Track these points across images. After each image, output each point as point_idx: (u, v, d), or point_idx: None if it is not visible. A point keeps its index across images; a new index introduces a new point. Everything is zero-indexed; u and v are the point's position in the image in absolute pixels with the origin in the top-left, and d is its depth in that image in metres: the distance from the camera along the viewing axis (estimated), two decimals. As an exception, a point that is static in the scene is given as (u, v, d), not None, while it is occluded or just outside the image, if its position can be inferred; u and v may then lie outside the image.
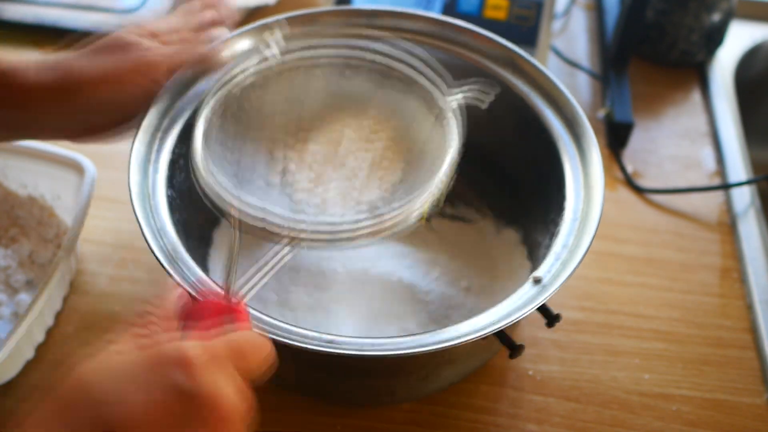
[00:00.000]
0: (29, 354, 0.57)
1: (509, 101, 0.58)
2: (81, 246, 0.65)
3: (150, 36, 0.52)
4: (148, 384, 0.32)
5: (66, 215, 0.64)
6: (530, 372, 0.58)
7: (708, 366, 0.59)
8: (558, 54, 0.86)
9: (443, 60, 0.59)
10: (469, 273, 0.61)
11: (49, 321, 0.59)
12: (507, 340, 0.44)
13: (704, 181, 0.75)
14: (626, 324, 0.62)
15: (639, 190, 0.73)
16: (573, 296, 0.63)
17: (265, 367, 0.37)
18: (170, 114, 0.53)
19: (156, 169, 0.51)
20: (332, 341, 0.42)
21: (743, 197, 0.72)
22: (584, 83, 0.85)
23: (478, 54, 0.59)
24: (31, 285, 0.60)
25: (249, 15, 0.88)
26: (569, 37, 0.91)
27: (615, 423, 0.56)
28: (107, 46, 0.50)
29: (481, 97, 0.50)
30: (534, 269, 0.47)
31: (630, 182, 0.74)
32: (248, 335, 0.37)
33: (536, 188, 0.58)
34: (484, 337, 0.42)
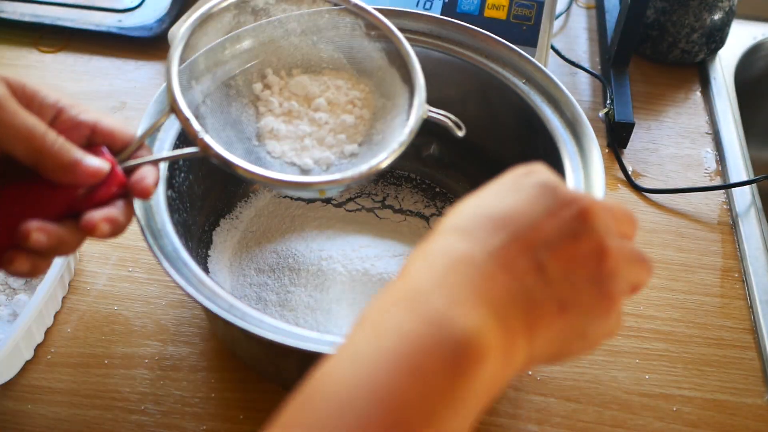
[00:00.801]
0: (28, 354, 0.56)
1: (509, 101, 0.57)
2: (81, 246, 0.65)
3: None
4: (517, 186, 0.36)
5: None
6: (530, 372, 0.58)
7: (709, 366, 0.59)
8: (558, 54, 0.86)
9: (442, 60, 0.59)
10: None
11: (49, 321, 0.58)
12: None
13: (705, 181, 0.75)
14: (626, 324, 0.62)
15: (639, 190, 0.73)
16: (573, 296, 0.63)
17: (631, 237, 0.36)
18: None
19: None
20: (333, 342, 0.42)
21: (744, 197, 0.72)
22: (584, 83, 0.84)
23: (478, 53, 0.59)
24: (30, 285, 0.60)
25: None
26: (569, 37, 0.91)
27: (615, 423, 0.56)
28: None
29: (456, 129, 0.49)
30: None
31: (630, 182, 0.74)
32: (622, 208, 0.37)
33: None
34: None
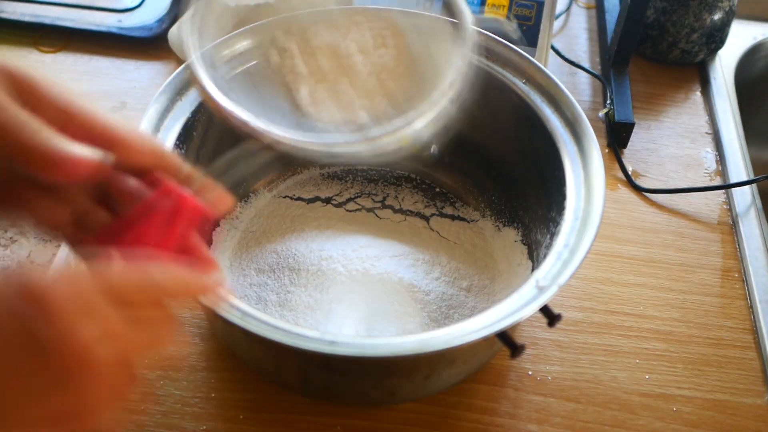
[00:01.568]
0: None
1: (509, 100, 0.57)
2: (80, 246, 0.65)
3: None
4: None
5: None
6: (530, 372, 0.58)
7: (709, 366, 0.59)
8: (558, 54, 0.86)
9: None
10: (470, 273, 0.60)
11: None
12: (509, 341, 0.44)
13: (705, 181, 0.75)
14: (626, 324, 0.62)
15: (639, 190, 0.73)
16: (573, 296, 0.63)
17: (158, 293, 0.30)
18: (170, 114, 0.53)
19: None
20: (334, 342, 0.42)
21: (744, 197, 0.72)
22: (584, 83, 0.84)
23: (479, 53, 0.59)
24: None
25: (249, 14, 0.88)
26: (569, 37, 0.91)
27: (615, 423, 0.56)
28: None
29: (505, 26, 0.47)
30: (534, 269, 0.46)
31: (630, 182, 0.73)
32: (161, 270, 0.30)
33: (537, 187, 0.58)
34: (486, 338, 0.42)
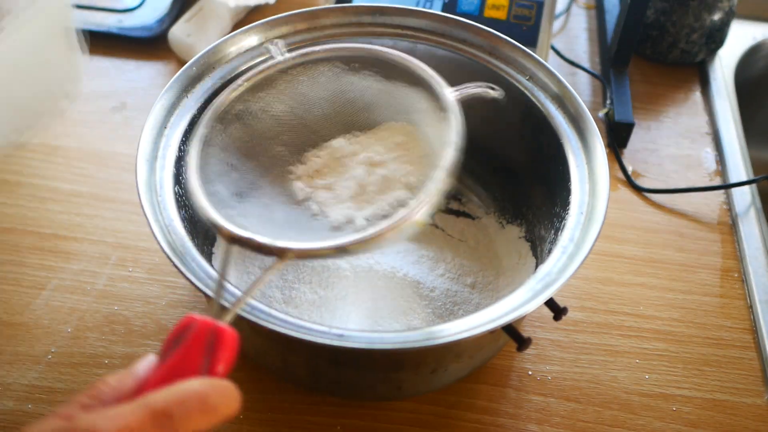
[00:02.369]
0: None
1: (512, 97, 0.58)
2: (81, 246, 0.65)
3: None
4: None
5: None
6: (530, 372, 0.58)
7: (708, 366, 0.59)
8: (558, 54, 0.86)
9: (445, 57, 0.59)
10: (474, 269, 0.61)
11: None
12: (515, 334, 0.44)
13: (705, 181, 0.75)
14: (626, 324, 0.62)
15: (639, 190, 0.73)
16: (573, 296, 0.63)
17: (206, 421, 0.32)
18: (176, 111, 0.53)
19: (163, 166, 0.50)
20: (342, 335, 0.42)
21: (744, 197, 0.72)
22: (584, 83, 0.85)
23: (481, 51, 0.59)
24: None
25: (249, 14, 0.88)
26: (569, 37, 0.91)
27: (615, 423, 0.56)
28: None
29: (489, 88, 0.48)
30: (538, 265, 0.46)
31: (630, 182, 0.74)
32: (180, 389, 0.33)
33: (540, 183, 0.58)
34: (492, 331, 0.42)
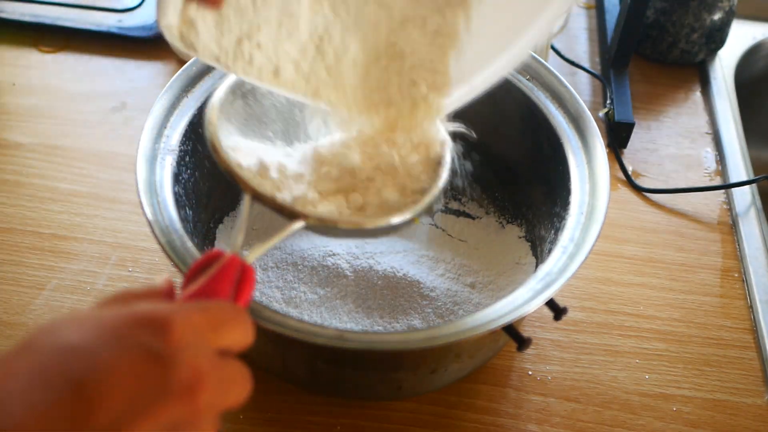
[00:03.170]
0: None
1: (513, 97, 0.58)
2: (81, 246, 0.65)
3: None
4: (120, 340, 0.29)
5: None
6: (530, 372, 0.58)
7: (708, 366, 0.59)
8: (558, 54, 0.86)
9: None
10: (474, 269, 0.61)
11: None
12: (515, 334, 0.44)
13: (705, 181, 0.75)
14: (626, 324, 0.62)
15: (639, 190, 0.73)
16: (573, 296, 0.63)
17: (243, 341, 0.34)
18: (176, 111, 0.53)
19: (163, 166, 0.50)
20: (342, 336, 0.42)
21: (744, 197, 0.72)
22: (584, 83, 0.84)
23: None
24: None
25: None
26: (569, 37, 0.91)
27: (615, 423, 0.56)
28: None
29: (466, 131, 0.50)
30: (538, 265, 0.46)
31: (630, 182, 0.74)
32: (227, 306, 0.34)
33: (541, 183, 0.58)
34: (492, 331, 0.42)
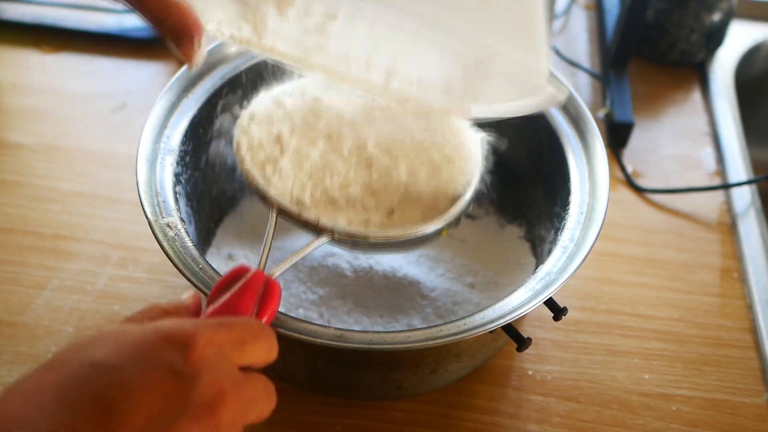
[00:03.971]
0: None
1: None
2: (81, 246, 0.65)
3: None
4: (145, 359, 0.31)
5: None
6: (530, 372, 0.58)
7: (708, 366, 0.59)
8: (558, 54, 0.86)
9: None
10: (474, 269, 0.61)
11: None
12: (515, 334, 0.44)
13: (704, 181, 0.75)
14: (626, 324, 0.62)
15: (639, 190, 0.73)
16: (573, 296, 0.63)
17: (266, 357, 0.35)
18: (176, 111, 0.53)
19: (163, 166, 0.50)
20: (341, 335, 0.42)
21: (743, 197, 0.72)
22: (584, 83, 0.85)
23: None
24: None
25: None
26: (569, 37, 0.91)
27: (615, 423, 0.56)
28: None
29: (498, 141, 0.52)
30: (538, 265, 0.47)
31: (630, 182, 0.74)
32: (252, 321, 0.35)
33: (540, 183, 0.59)
34: (492, 331, 0.42)
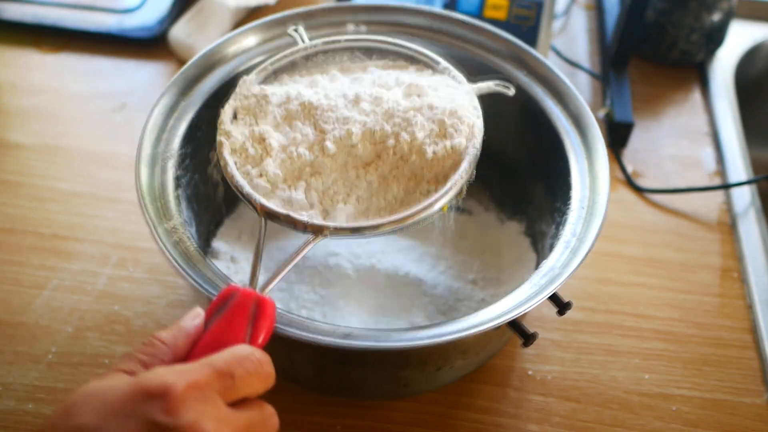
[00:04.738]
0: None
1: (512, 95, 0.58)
2: (81, 246, 0.65)
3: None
4: (126, 417, 0.32)
5: None
6: (530, 372, 0.58)
7: (708, 366, 0.59)
8: (558, 54, 0.86)
9: (445, 53, 0.59)
10: (475, 266, 0.61)
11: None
12: (521, 329, 0.44)
13: (704, 181, 0.75)
14: (626, 324, 0.62)
15: (639, 190, 0.73)
16: (573, 296, 0.63)
17: (261, 385, 0.35)
18: (175, 113, 0.53)
19: (163, 170, 0.50)
20: (349, 335, 0.42)
21: (743, 197, 0.72)
22: (584, 83, 0.85)
23: (481, 49, 0.59)
24: None
25: (249, 14, 0.88)
26: (569, 37, 0.91)
27: (615, 423, 0.56)
28: None
29: (505, 86, 0.52)
30: (539, 260, 0.47)
31: (630, 182, 0.74)
32: (238, 352, 0.35)
33: (540, 179, 0.59)
34: (498, 327, 0.43)
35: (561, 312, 0.46)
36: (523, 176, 0.62)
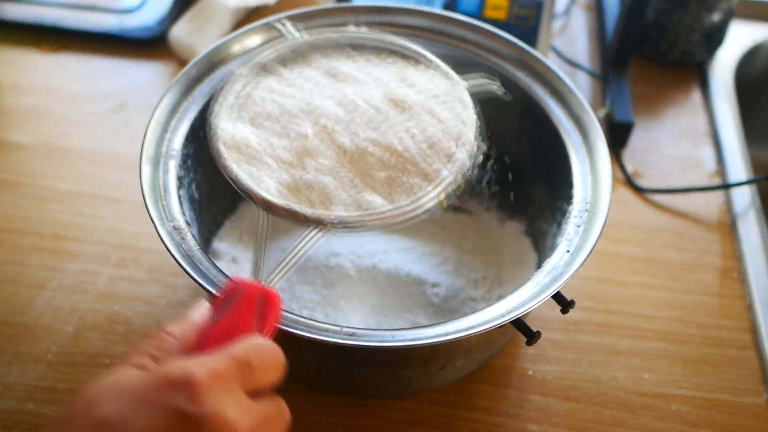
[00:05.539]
0: None
1: (512, 94, 0.58)
2: (81, 246, 0.65)
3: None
4: (150, 407, 0.32)
5: None
6: (530, 372, 0.58)
7: (708, 366, 0.60)
8: (558, 54, 0.86)
9: (447, 55, 0.59)
10: (476, 265, 0.61)
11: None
12: (524, 328, 0.45)
13: (704, 181, 0.75)
14: (626, 324, 0.62)
15: (639, 190, 0.73)
16: (573, 296, 0.63)
17: (276, 376, 0.36)
18: (177, 113, 0.53)
19: (166, 170, 0.50)
20: (354, 334, 0.42)
21: (743, 197, 0.72)
22: (584, 83, 0.85)
23: (481, 49, 0.59)
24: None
25: (249, 14, 0.88)
26: (569, 37, 0.91)
27: (615, 423, 0.56)
28: None
29: (492, 84, 0.52)
30: (540, 259, 0.47)
31: (630, 182, 0.74)
32: (255, 343, 0.36)
33: (541, 178, 0.59)
34: (502, 325, 0.43)
35: (564, 310, 0.46)
36: (524, 176, 0.62)
